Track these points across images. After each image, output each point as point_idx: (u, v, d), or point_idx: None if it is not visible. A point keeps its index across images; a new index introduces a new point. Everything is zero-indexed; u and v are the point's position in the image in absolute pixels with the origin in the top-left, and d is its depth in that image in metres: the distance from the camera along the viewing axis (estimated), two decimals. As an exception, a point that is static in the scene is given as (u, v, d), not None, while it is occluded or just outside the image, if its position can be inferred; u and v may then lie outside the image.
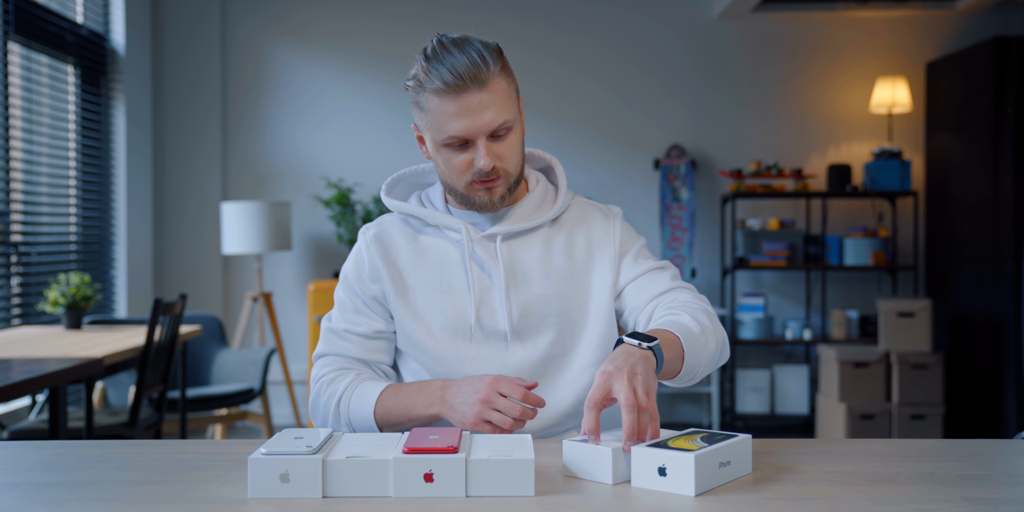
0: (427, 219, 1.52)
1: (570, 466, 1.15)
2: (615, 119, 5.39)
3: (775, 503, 1.05)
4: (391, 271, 1.52)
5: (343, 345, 1.52)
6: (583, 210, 1.58)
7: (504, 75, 1.42)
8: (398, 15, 5.35)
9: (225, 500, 1.06)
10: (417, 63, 1.43)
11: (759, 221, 5.25)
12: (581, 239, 1.55)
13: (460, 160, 1.43)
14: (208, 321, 4.47)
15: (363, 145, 5.35)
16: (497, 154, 1.43)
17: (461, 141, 1.41)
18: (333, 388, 1.47)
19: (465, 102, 1.38)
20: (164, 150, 5.26)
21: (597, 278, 1.52)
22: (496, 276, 1.49)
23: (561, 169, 1.60)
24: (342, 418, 1.45)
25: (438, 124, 1.41)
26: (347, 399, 1.45)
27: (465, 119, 1.39)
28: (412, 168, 1.62)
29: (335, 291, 1.57)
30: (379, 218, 1.60)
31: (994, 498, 1.07)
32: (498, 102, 1.40)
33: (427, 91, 1.40)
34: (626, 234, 1.57)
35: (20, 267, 3.95)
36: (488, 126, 1.40)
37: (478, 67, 1.38)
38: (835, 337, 5.15)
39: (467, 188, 1.46)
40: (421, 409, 1.39)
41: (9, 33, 3.85)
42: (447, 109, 1.39)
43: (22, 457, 1.29)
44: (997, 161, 4.68)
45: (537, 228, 1.54)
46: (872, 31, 5.41)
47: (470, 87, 1.38)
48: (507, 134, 1.44)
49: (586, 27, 5.36)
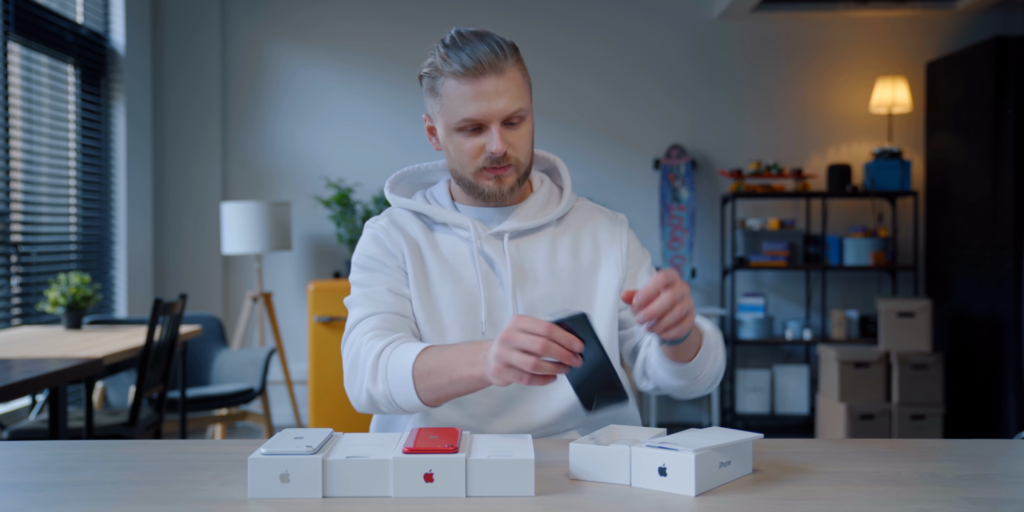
0: (434, 216, 1.52)
1: (577, 469, 1.15)
2: (615, 119, 5.40)
3: (775, 503, 1.05)
4: (412, 254, 1.49)
5: (387, 301, 1.44)
6: (589, 213, 1.59)
7: (519, 67, 1.45)
8: (398, 15, 5.35)
9: (225, 500, 1.06)
10: (434, 52, 1.45)
11: (759, 221, 5.26)
12: (587, 241, 1.55)
13: (472, 145, 1.44)
14: (208, 321, 4.47)
15: (363, 145, 5.35)
16: (509, 141, 1.44)
17: (475, 125, 1.42)
18: (374, 343, 1.36)
19: (482, 86, 1.40)
20: (164, 150, 5.26)
21: (602, 281, 1.53)
22: (504, 274, 1.49)
23: (565, 170, 1.61)
24: (379, 374, 1.33)
25: (453, 107, 1.42)
26: (388, 353, 1.34)
27: (481, 102, 1.40)
28: (415, 166, 1.62)
29: (352, 278, 1.51)
30: (387, 211, 1.59)
31: (994, 498, 1.07)
32: (513, 89, 1.42)
33: (444, 75, 1.42)
34: (633, 243, 1.58)
35: (20, 267, 3.95)
36: (503, 111, 1.41)
37: (496, 54, 1.41)
38: (835, 337, 5.15)
39: (476, 175, 1.46)
40: (465, 369, 1.26)
41: (9, 33, 3.85)
42: (464, 92, 1.41)
43: (22, 457, 1.29)
44: (997, 161, 4.68)
45: (543, 227, 1.54)
46: (872, 31, 5.41)
47: (488, 72, 1.40)
48: (520, 123, 1.45)
49: (586, 27, 5.36)
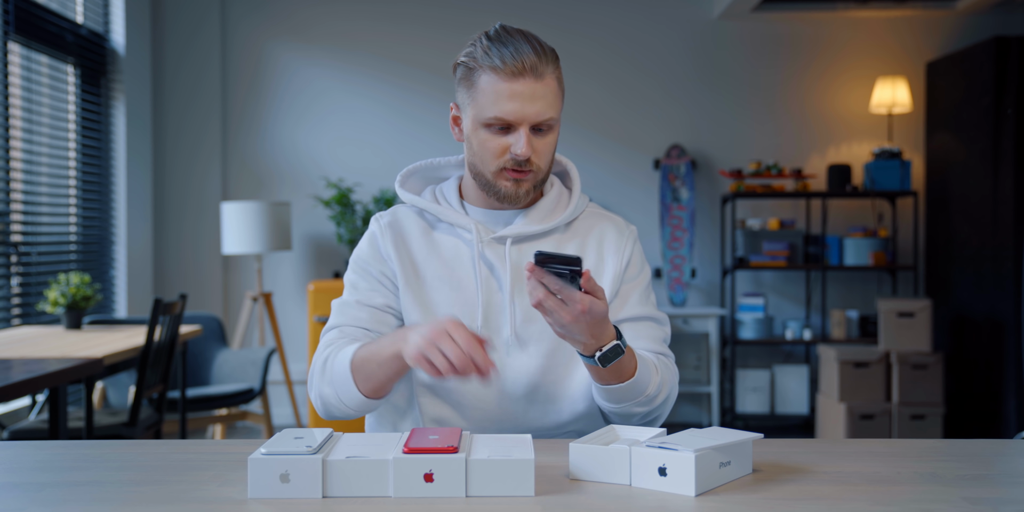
0: (440, 215, 1.51)
1: (577, 469, 1.15)
2: (615, 119, 5.40)
3: (775, 503, 1.05)
4: (403, 260, 1.50)
5: (355, 315, 1.48)
6: (598, 221, 1.56)
7: (557, 76, 1.44)
8: (398, 15, 5.35)
9: (225, 500, 1.06)
10: (476, 43, 1.44)
11: (759, 221, 5.26)
12: (592, 251, 1.53)
13: (498, 144, 1.42)
14: (208, 321, 4.47)
15: (363, 145, 5.35)
16: (535, 148, 1.42)
17: (505, 124, 1.41)
18: (327, 351, 1.42)
19: (520, 87, 1.39)
20: (164, 150, 5.26)
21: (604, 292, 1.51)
22: (503, 279, 1.47)
23: (576, 173, 1.59)
24: (326, 376, 1.40)
25: (486, 103, 1.40)
26: (333, 355, 1.40)
27: (516, 103, 1.39)
28: (428, 161, 1.60)
29: (345, 276, 1.54)
30: (393, 208, 1.58)
31: (994, 498, 1.07)
32: (549, 96, 1.41)
33: (482, 68, 1.41)
34: (636, 257, 1.54)
35: (20, 267, 3.95)
36: (536, 116, 1.40)
37: (539, 58, 1.40)
38: (835, 337, 5.15)
39: (496, 175, 1.44)
40: (387, 348, 1.33)
41: (9, 33, 3.85)
42: (501, 89, 1.39)
43: (22, 457, 1.29)
44: (997, 161, 4.68)
45: (549, 232, 1.52)
46: (872, 31, 5.41)
47: (528, 74, 1.39)
48: (548, 132, 1.44)
49: (586, 27, 5.36)
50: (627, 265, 1.53)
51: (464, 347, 1.22)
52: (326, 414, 1.43)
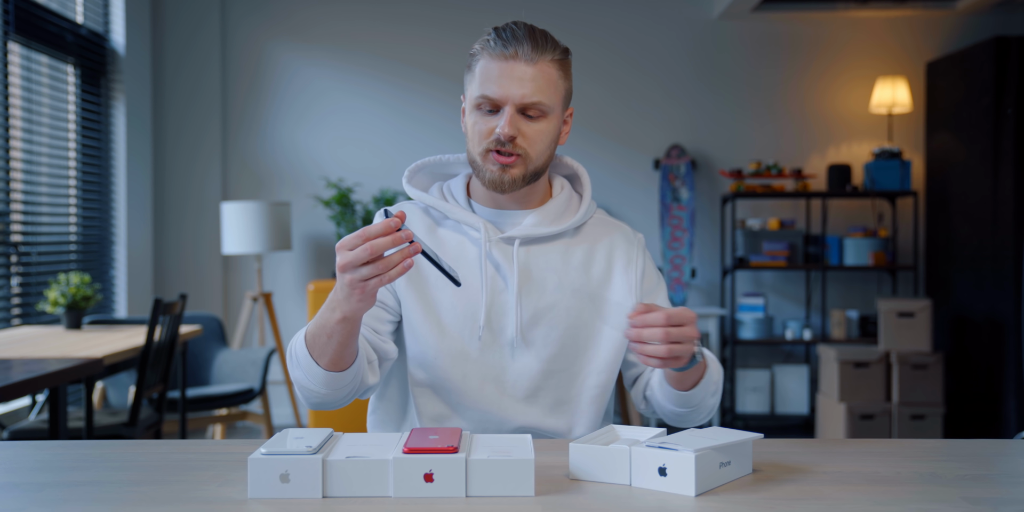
0: (448, 213, 1.50)
1: (577, 469, 1.15)
2: (615, 119, 5.40)
3: (775, 503, 1.05)
4: None
5: None
6: (607, 228, 1.56)
7: (558, 67, 1.44)
8: (398, 15, 5.35)
9: (225, 500, 1.06)
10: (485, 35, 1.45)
11: (759, 221, 5.26)
12: (601, 258, 1.52)
13: (485, 126, 1.42)
14: (208, 321, 4.47)
15: (363, 145, 5.35)
16: (522, 131, 1.41)
17: (492, 105, 1.41)
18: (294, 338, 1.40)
19: (510, 68, 1.40)
20: (164, 150, 5.27)
21: (611, 300, 1.49)
22: (510, 279, 1.46)
23: (587, 178, 1.58)
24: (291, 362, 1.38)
25: (478, 84, 1.42)
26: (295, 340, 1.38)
27: (503, 82, 1.40)
28: (436, 157, 1.58)
29: None
30: (399, 203, 1.57)
31: (994, 498, 1.07)
32: (540, 82, 1.41)
33: (481, 53, 1.43)
34: (649, 266, 1.55)
35: (20, 267, 3.95)
36: (521, 97, 1.40)
37: (536, 45, 1.41)
38: (835, 337, 5.15)
39: (483, 157, 1.43)
40: (327, 315, 1.28)
41: (9, 33, 3.85)
42: (491, 69, 1.41)
43: (22, 457, 1.29)
44: (997, 161, 4.68)
45: (559, 236, 1.51)
46: (872, 31, 5.41)
47: (520, 59, 1.40)
48: (539, 118, 1.43)
49: (586, 28, 5.36)
50: (642, 276, 1.53)
51: (371, 256, 1.16)
52: (308, 402, 1.40)
